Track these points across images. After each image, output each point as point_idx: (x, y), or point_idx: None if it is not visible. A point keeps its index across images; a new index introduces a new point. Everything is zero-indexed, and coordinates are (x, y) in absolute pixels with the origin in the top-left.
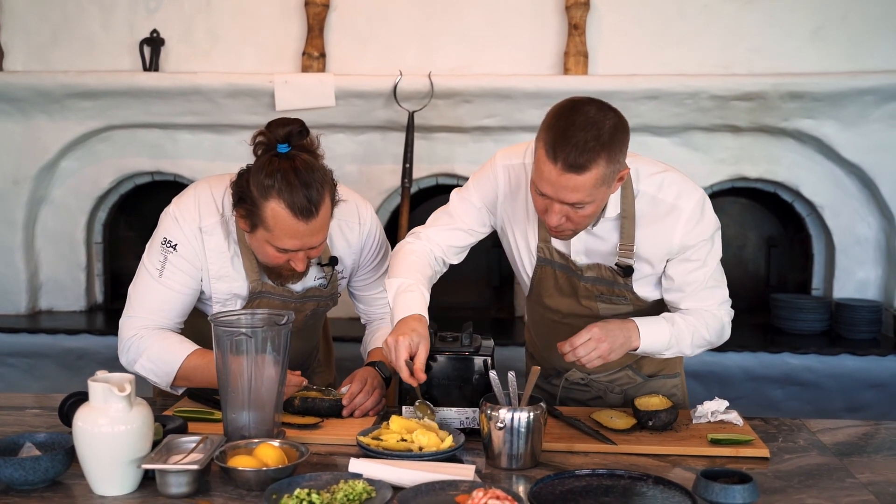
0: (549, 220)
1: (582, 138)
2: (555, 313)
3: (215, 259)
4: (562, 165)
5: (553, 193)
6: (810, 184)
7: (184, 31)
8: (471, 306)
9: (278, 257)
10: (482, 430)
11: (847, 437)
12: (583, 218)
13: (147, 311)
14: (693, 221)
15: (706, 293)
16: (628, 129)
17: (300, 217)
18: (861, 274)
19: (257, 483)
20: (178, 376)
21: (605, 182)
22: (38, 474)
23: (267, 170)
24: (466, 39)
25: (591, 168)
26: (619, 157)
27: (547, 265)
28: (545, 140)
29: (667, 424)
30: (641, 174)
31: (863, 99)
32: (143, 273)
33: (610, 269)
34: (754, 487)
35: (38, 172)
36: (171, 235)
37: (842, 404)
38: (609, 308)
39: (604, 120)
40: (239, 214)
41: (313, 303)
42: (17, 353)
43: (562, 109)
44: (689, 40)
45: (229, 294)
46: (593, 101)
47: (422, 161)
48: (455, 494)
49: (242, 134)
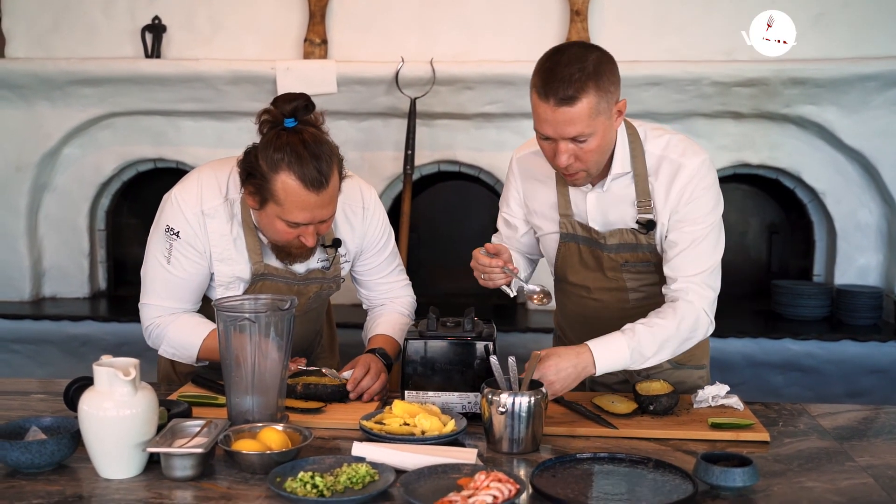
0: (559, 161)
1: (567, 72)
2: (582, 289)
3: (218, 241)
4: (553, 101)
5: (553, 132)
6: (812, 170)
7: (185, 17)
8: (472, 293)
9: (288, 233)
10: (483, 414)
11: (847, 422)
12: (590, 154)
13: (161, 298)
14: (696, 178)
15: (691, 258)
16: (615, 63)
17: (311, 188)
18: (862, 260)
19: (261, 466)
20: (199, 357)
21: (601, 112)
22: (45, 458)
23: (275, 144)
24: (468, 25)
25: (582, 98)
26: (609, 87)
27: (570, 241)
28: (535, 84)
29: (668, 409)
30: (649, 136)
31: (865, 85)
32: (151, 259)
33: (631, 231)
34: (754, 470)
35: (41, 159)
36: (173, 223)
37: (842, 390)
38: (635, 278)
39: (587, 54)
40: (248, 192)
41: (316, 285)
42: (21, 340)
43: (547, 54)
44: (690, 26)
45: (232, 277)
46: (576, 42)
47: (423, 147)
48: (458, 478)
49: (244, 121)
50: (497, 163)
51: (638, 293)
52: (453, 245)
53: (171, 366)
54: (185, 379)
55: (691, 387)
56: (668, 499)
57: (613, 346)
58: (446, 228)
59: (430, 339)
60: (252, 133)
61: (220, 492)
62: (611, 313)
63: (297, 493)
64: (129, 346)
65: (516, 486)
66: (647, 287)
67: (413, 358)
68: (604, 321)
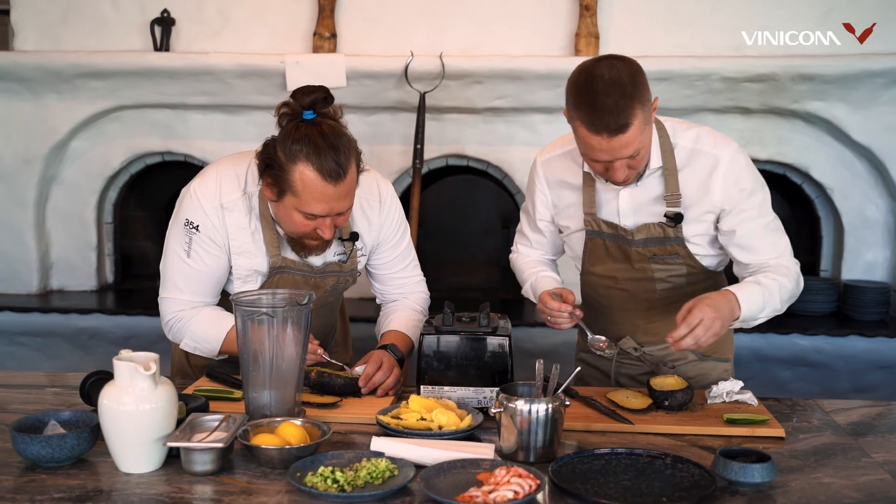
0: (616, 177)
1: (612, 102)
2: (609, 279)
3: (237, 235)
4: (607, 133)
5: (609, 156)
6: (820, 166)
7: (194, 10)
8: (479, 287)
9: (305, 225)
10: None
11: (860, 417)
12: (641, 161)
13: (181, 292)
14: (734, 168)
15: (769, 244)
16: (640, 67)
17: (329, 180)
18: (869, 256)
19: (280, 461)
20: (222, 350)
21: (647, 122)
22: (65, 452)
23: (294, 136)
24: (477, 20)
25: (632, 121)
26: (646, 96)
27: (596, 237)
28: (581, 118)
29: (682, 404)
30: (677, 130)
31: (873, 81)
32: (171, 253)
33: (659, 225)
34: (772, 466)
35: (49, 152)
36: (193, 216)
37: (850, 385)
38: (663, 269)
39: (619, 73)
40: (265, 183)
41: (333, 278)
42: (28, 333)
43: (578, 83)
44: (700, 22)
45: (250, 270)
46: (600, 60)
47: (432, 142)
48: (477, 472)
49: (253, 114)
50: (506, 157)
51: (665, 283)
52: (460, 239)
53: (185, 359)
54: (199, 372)
55: (714, 380)
56: (688, 494)
57: (750, 292)
58: (454, 222)
59: (446, 333)
60: (260, 126)
61: (241, 486)
62: (637, 303)
63: (317, 488)
64: (136, 339)
65: (537, 482)
66: (675, 278)
67: (428, 353)
68: (630, 311)
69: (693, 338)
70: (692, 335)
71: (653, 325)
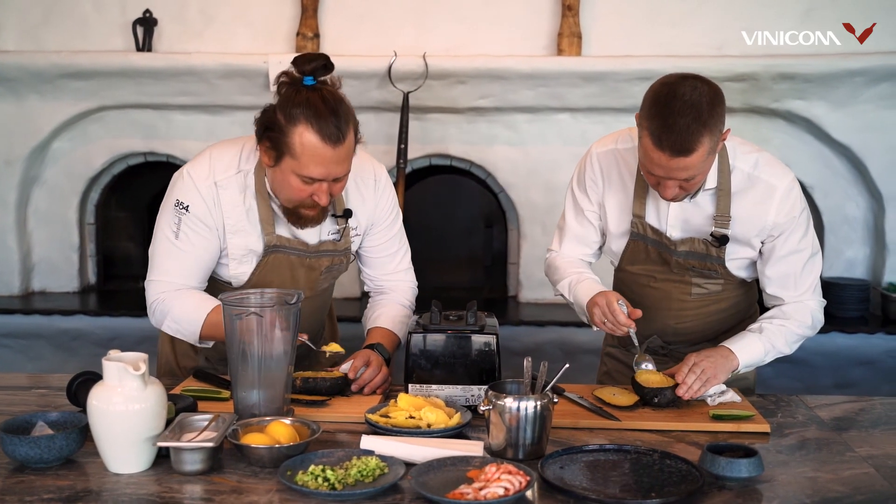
0: (665, 193)
1: (684, 123)
2: (645, 277)
3: (231, 212)
4: (669, 152)
5: (665, 174)
6: (800, 164)
7: (177, 10)
8: (464, 286)
9: (302, 190)
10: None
11: (844, 413)
12: (695, 185)
13: (168, 274)
14: (788, 200)
15: (794, 282)
16: (723, 96)
17: (328, 142)
18: (850, 253)
19: (270, 460)
20: (203, 335)
21: (712, 152)
22: (53, 453)
23: (295, 100)
24: (460, 20)
25: (698, 148)
26: (720, 127)
27: (640, 240)
28: (649, 129)
29: (671, 401)
30: (738, 152)
31: (853, 80)
32: (159, 235)
33: (703, 242)
34: (759, 461)
35: (31, 153)
36: (184, 196)
37: (831, 381)
38: (700, 280)
39: (700, 98)
40: (263, 147)
41: (328, 259)
42: (10, 334)
43: (658, 96)
44: (681, 21)
45: (245, 250)
46: (686, 79)
47: (416, 141)
48: (467, 470)
49: (236, 114)
50: (489, 157)
51: (701, 289)
52: (444, 238)
53: (173, 359)
54: (187, 373)
55: (732, 383)
56: (676, 489)
57: (749, 343)
58: (437, 222)
59: (434, 332)
60: (243, 126)
61: (231, 485)
62: (670, 303)
63: (308, 487)
64: (119, 341)
65: (527, 478)
66: (711, 285)
67: (416, 351)
68: (661, 310)
69: (690, 392)
70: (688, 390)
71: (683, 325)
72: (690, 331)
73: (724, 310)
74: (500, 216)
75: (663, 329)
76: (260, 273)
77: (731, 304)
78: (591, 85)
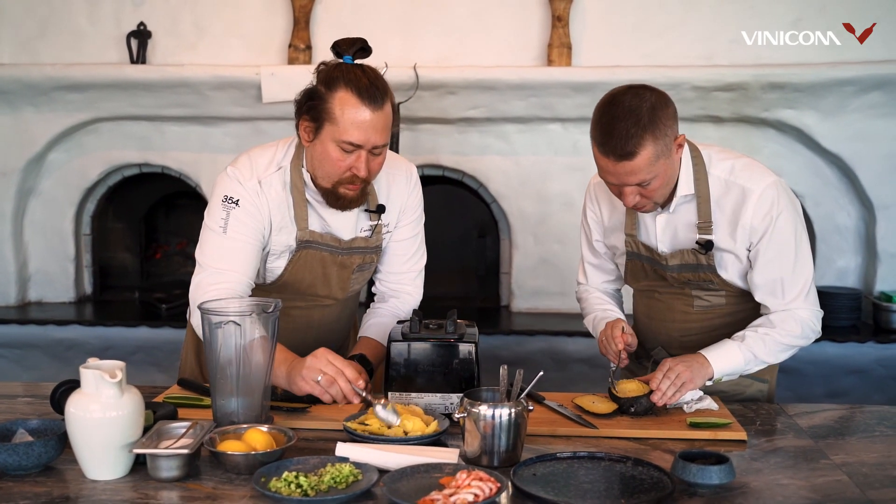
0: (626, 201)
1: (623, 128)
2: (650, 293)
3: (277, 208)
4: (613, 157)
5: (617, 181)
6: (791, 173)
7: (170, 23)
8: (456, 296)
9: (342, 160)
10: (461, 423)
11: (824, 421)
12: (654, 192)
13: (217, 268)
14: (763, 202)
15: (780, 290)
16: (670, 102)
17: (368, 103)
18: (841, 262)
19: (246, 467)
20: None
21: (661, 156)
22: (32, 459)
23: (334, 72)
24: (451, 31)
25: (640, 151)
26: (666, 131)
27: (635, 259)
28: (594, 137)
29: (647, 410)
30: (714, 159)
31: (842, 89)
32: (206, 233)
33: (692, 252)
34: (730, 468)
35: (26, 165)
36: (232, 192)
37: (822, 390)
38: (700, 293)
39: (641, 104)
40: (303, 124)
41: (359, 256)
42: (6, 344)
43: (602, 105)
44: (670, 32)
45: (284, 246)
46: (630, 89)
47: (406, 152)
48: (439, 477)
49: (229, 126)
50: (480, 167)
51: (703, 301)
52: (437, 249)
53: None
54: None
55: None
56: (647, 496)
57: (726, 351)
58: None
59: (413, 340)
60: (236, 137)
61: (206, 492)
62: (674, 315)
63: (281, 493)
64: (114, 351)
65: (497, 485)
66: (713, 297)
67: (396, 359)
68: (666, 322)
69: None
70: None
71: (688, 338)
72: (696, 344)
73: (732, 324)
74: (492, 226)
75: (668, 341)
76: (292, 269)
77: (738, 319)
78: (582, 95)
